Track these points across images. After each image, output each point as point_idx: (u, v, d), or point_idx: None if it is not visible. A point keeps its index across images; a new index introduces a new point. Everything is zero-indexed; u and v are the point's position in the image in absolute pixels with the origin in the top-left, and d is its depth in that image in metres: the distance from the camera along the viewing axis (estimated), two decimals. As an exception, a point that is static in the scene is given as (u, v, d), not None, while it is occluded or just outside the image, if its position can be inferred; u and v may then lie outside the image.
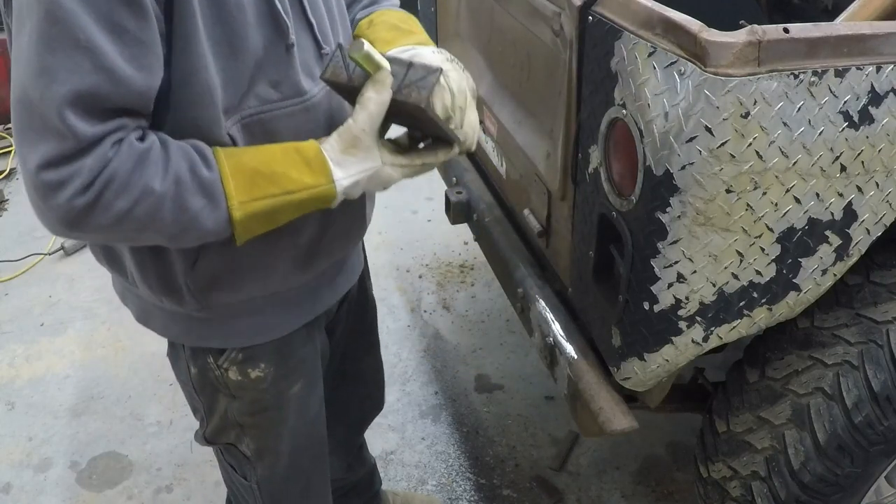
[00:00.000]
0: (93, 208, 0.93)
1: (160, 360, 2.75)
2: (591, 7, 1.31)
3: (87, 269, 3.35)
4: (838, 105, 1.11)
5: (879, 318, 1.34)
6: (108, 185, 0.93)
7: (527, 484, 2.26)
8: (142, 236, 1.01)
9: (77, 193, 0.91)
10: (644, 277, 1.21)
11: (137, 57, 0.92)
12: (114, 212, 0.94)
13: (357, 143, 1.08)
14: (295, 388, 1.35)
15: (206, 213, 1.00)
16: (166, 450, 2.42)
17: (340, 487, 1.94)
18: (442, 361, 2.76)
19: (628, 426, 1.32)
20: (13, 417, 2.57)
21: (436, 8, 2.33)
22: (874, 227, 1.24)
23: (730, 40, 1.04)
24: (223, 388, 1.30)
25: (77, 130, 0.89)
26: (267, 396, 1.31)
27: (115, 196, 0.94)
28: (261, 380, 1.29)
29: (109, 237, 1.03)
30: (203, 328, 1.24)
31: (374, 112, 1.06)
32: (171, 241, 1.04)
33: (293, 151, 1.06)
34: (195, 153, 1.01)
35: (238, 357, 1.26)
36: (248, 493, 1.46)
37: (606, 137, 1.28)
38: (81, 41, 0.87)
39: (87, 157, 0.91)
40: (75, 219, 0.94)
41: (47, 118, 0.89)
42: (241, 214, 1.02)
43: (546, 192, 1.60)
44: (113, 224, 0.95)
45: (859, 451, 1.33)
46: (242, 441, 1.37)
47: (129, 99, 0.93)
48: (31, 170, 0.92)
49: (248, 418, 1.34)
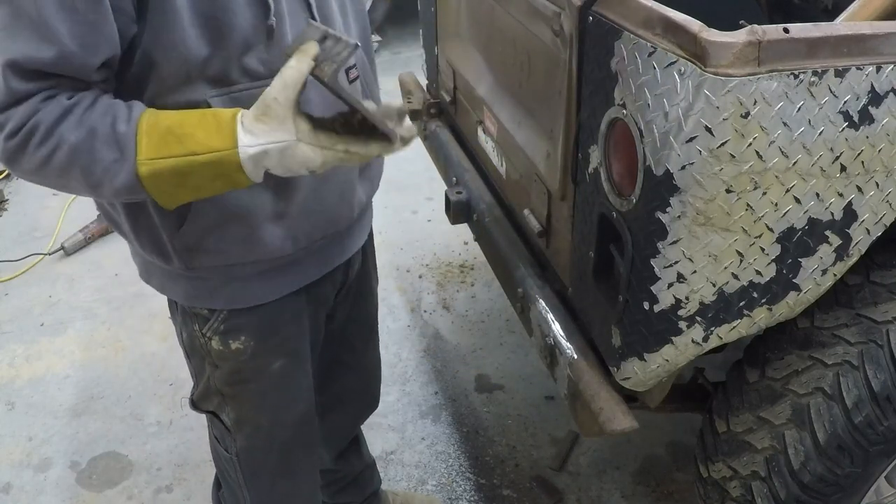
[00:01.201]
0: (19, 152, 1.03)
1: (160, 360, 2.76)
2: (591, 7, 1.31)
3: (87, 269, 3.35)
4: (838, 105, 1.11)
5: (879, 318, 1.34)
6: (32, 133, 1.01)
7: (527, 484, 2.26)
8: (66, 183, 1.07)
9: (6, 137, 1.02)
10: (644, 277, 1.22)
11: (82, 34, 0.99)
12: (36, 157, 1.03)
13: (268, 112, 1.04)
14: (276, 365, 1.38)
15: (116, 166, 1.03)
16: (166, 450, 2.42)
17: (337, 481, 1.94)
18: (442, 361, 2.76)
19: (628, 426, 1.32)
20: (13, 417, 2.58)
21: (436, 8, 2.33)
22: (874, 227, 1.24)
23: (730, 40, 1.04)
24: (207, 357, 1.35)
25: (12, 86, 1.00)
26: (246, 368, 1.35)
27: (37, 144, 1.02)
28: (241, 352, 1.33)
29: (40, 180, 1.09)
30: (190, 287, 1.29)
31: (289, 80, 1.03)
32: (90, 190, 1.08)
33: (210, 115, 1.05)
34: (121, 109, 1.04)
35: (220, 327, 1.31)
36: (229, 465, 1.50)
37: (606, 137, 1.28)
38: (33, 14, 0.97)
39: (18, 107, 1.01)
40: (7, 159, 1.04)
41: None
42: (147, 170, 1.03)
43: (546, 192, 1.60)
44: (37, 168, 1.04)
45: (859, 451, 1.33)
46: (224, 410, 1.42)
47: (66, 70, 1.01)
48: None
49: (228, 388, 1.38)
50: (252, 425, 1.44)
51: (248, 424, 1.44)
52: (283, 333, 1.37)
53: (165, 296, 1.36)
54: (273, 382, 1.40)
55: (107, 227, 3.55)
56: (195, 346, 1.36)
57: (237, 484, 1.53)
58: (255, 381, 1.38)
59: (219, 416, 1.44)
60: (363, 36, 1.37)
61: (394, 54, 5.34)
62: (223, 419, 1.44)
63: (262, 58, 1.11)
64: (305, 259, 1.34)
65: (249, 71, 1.11)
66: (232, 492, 1.57)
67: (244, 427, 1.44)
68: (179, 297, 1.32)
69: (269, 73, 1.09)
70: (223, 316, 1.31)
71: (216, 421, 1.46)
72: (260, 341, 1.34)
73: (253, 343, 1.33)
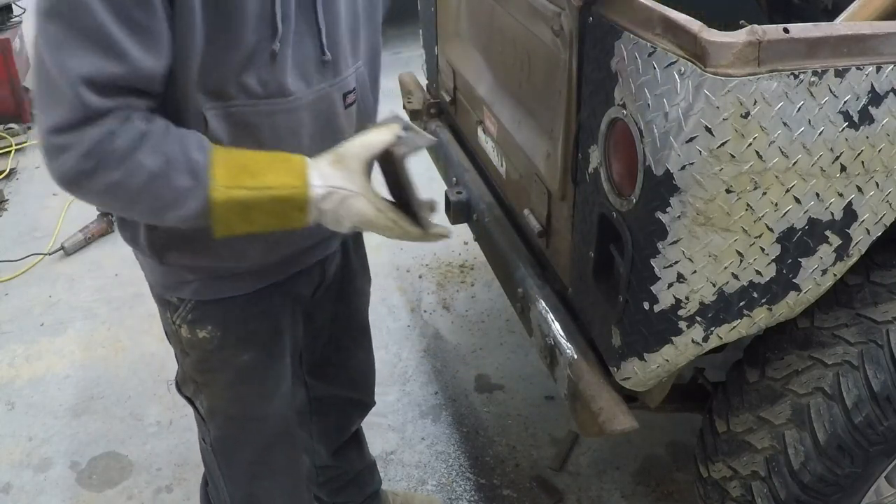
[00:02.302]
0: (89, 175, 1.03)
1: (160, 360, 2.76)
2: (591, 7, 1.31)
3: (87, 269, 3.35)
4: (838, 105, 1.11)
5: (879, 318, 1.34)
6: (107, 156, 1.02)
7: (527, 484, 2.26)
8: (132, 207, 1.11)
9: (77, 159, 1.01)
10: (644, 277, 1.21)
11: (146, 42, 1.01)
12: (107, 181, 1.04)
13: (343, 161, 1.15)
14: (244, 358, 1.39)
15: (189, 193, 1.07)
16: (166, 450, 2.42)
17: (336, 479, 1.94)
18: (442, 361, 2.76)
19: (628, 426, 1.32)
20: (13, 417, 2.58)
21: (436, 8, 2.33)
22: (874, 227, 1.24)
23: (730, 40, 1.04)
24: (178, 344, 1.39)
25: (88, 102, 0.99)
26: (213, 359, 1.38)
27: (111, 167, 1.03)
28: (207, 341, 1.35)
29: (103, 202, 1.11)
30: (161, 276, 1.33)
31: (369, 143, 1.16)
32: (156, 216, 1.12)
33: (279, 157, 1.14)
34: (192, 137, 1.09)
35: (188, 316, 1.34)
36: (207, 455, 1.52)
37: (606, 137, 1.28)
38: (95, 26, 0.97)
39: (92, 128, 1.01)
40: (73, 180, 1.04)
41: (62, 90, 0.98)
42: (221, 197, 1.08)
43: (546, 192, 1.60)
44: (105, 191, 1.06)
45: (859, 451, 1.33)
46: (198, 398, 1.45)
47: (137, 80, 1.02)
48: (43, 131, 1.02)
49: (199, 375, 1.41)
50: (223, 415, 1.46)
51: (219, 414, 1.45)
52: (252, 327, 1.38)
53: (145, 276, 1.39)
54: (241, 375, 1.40)
55: (107, 227, 3.56)
56: (168, 332, 1.41)
57: (217, 475, 1.54)
58: (222, 372, 1.40)
59: (195, 403, 1.47)
60: (372, 55, 1.39)
61: (394, 54, 5.33)
62: (198, 407, 1.47)
63: (261, 78, 1.13)
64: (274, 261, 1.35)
65: (247, 88, 1.13)
66: (216, 486, 1.58)
67: (216, 416, 1.46)
68: (155, 283, 1.36)
69: (266, 93, 1.13)
70: (191, 305, 1.33)
71: (194, 409, 1.49)
72: (226, 332, 1.36)
73: (219, 334, 1.35)
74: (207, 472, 1.61)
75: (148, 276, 1.37)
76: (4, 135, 4.42)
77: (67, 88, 0.98)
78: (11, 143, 4.34)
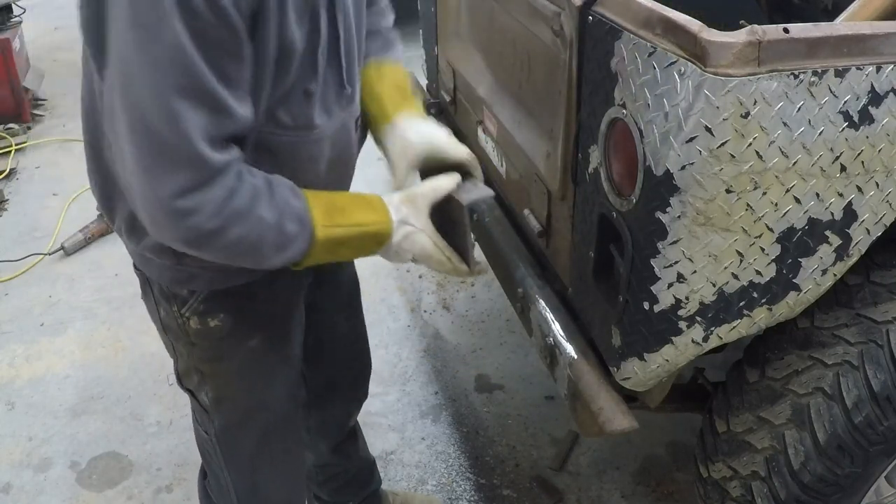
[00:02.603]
0: (216, 234, 1.09)
1: (160, 360, 2.75)
2: (591, 7, 1.31)
3: (87, 269, 3.35)
4: (838, 105, 1.11)
5: (879, 318, 1.34)
6: (232, 215, 1.08)
7: (527, 484, 2.26)
8: (245, 257, 1.17)
9: (207, 219, 1.07)
10: (644, 277, 1.21)
11: (238, 94, 1.06)
12: (232, 237, 1.10)
13: (413, 201, 1.28)
14: (252, 342, 1.40)
15: (299, 237, 1.16)
16: (166, 450, 2.42)
17: (336, 477, 1.94)
18: (442, 361, 2.76)
19: (628, 426, 1.32)
20: (13, 417, 2.57)
21: (436, 8, 2.33)
22: (874, 227, 1.24)
23: (730, 40, 1.04)
24: (183, 336, 1.38)
25: (210, 160, 1.04)
26: (223, 346, 1.39)
27: (235, 224, 1.09)
28: (218, 329, 1.36)
29: (219, 256, 1.16)
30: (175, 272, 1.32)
31: (437, 187, 1.30)
32: (265, 260, 1.18)
33: (361, 197, 1.27)
34: (286, 184, 1.17)
35: (200, 307, 1.34)
36: (210, 447, 1.53)
37: (606, 137, 1.28)
38: (202, 86, 1.00)
39: (215, 188, 1.06)
40: (198, 240, 1.10)
41: (181, 151, 1.02)
42: (323, 235, 1.19)
43: (546, 192, 1.60)
44: (228, 246, 1.12)
45: (859, 451, 1.33)
46: (203, 389, 1.45)
47: (238, 131, 1.08)
48: (164, 197, 1.04)
49: (207, 365, 1.41)
50: (230, 403, 1.46)
51: (226, 402, 1.46)
52: (261, 312, 1.40)
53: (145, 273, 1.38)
54: (250, 359, 1.42)
55: (107, 227, 3.55)
56: (171, 325, 1.39)
57: (219, 467, 1.55)
58: (230, 359, 1.41)
59: (197, 396, 1.47)
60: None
61: (394, 54, 5.33)
62: (201, 399, 1.47)
63: (292, 112, 1.18)
64: None
65: (277, 119, 1.17)
66: (216, 477, 1.58)
67: (222, 405, 1.46)
68: (164, 279, 1.34)
69: (294, 125, 1.19)
70: (203, 296, 1.33)
71: (195, 402, 1.49)
72: (236, 319, 1.37)
73: (230, 321, 1.36)
74: (206, 464, 1.62)
75: (154, 273, 1.35)
76: (4, 135, 4.42)
77: (187, 149, 1.01)
78: (11, 143, 4.34)
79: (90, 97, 1.18)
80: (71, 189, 3.94)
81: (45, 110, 4.94)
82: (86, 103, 1.20)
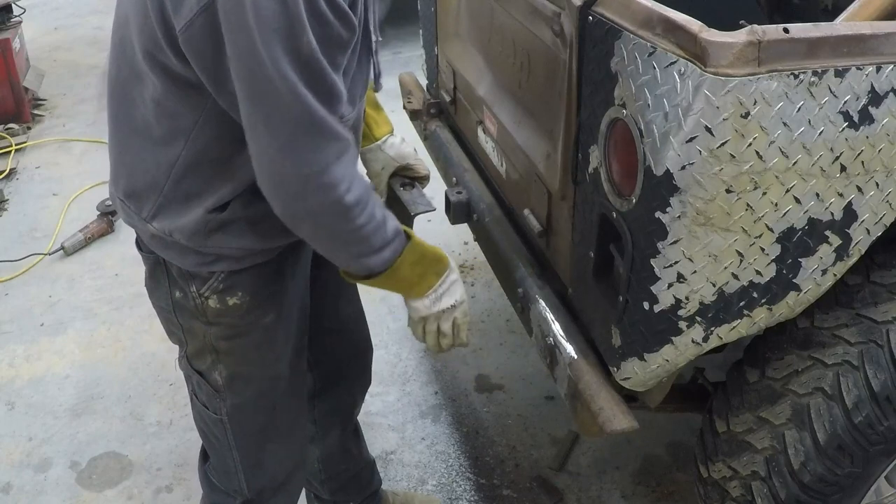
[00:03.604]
0: (350, 210, 1.21)
1: (160, 360, 2.76)
2: (591, 7, 1.31)
3: (87, 269, 3.35)
4: (838, 105, 1.11)
5: (879, 318, 1.34)
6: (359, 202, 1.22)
7: (527, 484, 2.27)
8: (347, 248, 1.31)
9: (346, 192, 1.19)
10: (644, 277, 1.22)
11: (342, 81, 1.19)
12: (356, 223, 1.24)
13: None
14: (267, 319, 1.44)
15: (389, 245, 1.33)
16: (166, 450, 2.42)
17: (337, 476, 1.95)
18: (442, 361, 2.76)
19: (628, 426, 1.32)
20: (13, 417, 2.58)
21: (436, 8, 2.33)
22: (874, 227, 1.24)
23: (730, 40, 1.04)
24: (201, 316, 1.41)
25: (343, 133, 1.18)
26: (242, 323, 1.42)
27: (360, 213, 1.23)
28: (238, 307, 1.40)
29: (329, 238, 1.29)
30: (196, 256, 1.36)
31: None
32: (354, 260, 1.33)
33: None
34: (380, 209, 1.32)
35: (220, 286, 1.37)
36: (218, 428, 1.54)
37: (606, 137, 1.28)
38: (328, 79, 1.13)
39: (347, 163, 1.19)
40: (338, 212, 1.21)
41: (322, 128, 1.14)
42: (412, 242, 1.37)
43: (546, 192, 1.60)
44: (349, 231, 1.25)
45: (859, 451, 1.33)
46: (216, 368, 1.47)
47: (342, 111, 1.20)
48: (311, 174, 1.16)
49: (224, 343, 1.44)
50: (244, 380, 1.49)
51: (239, 379, 1.48)
52: (274, 287, 1.44)
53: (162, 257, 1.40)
54: (265, 335, 1.45)
55: (107, 227, 3.56)
56: (187, 306, 1.41)
57: (226, 447, 1.56)
58: (248, 335, 1.44)
59: (208, 377, 1.48)
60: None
61: (394, 54, 5.33)
62: (212, 380, 1.48)
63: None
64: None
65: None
66: (221, 458, 1.59)
67: (236, 383, 1.48)
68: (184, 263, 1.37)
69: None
70: (223, 276, 1.37)
71: (204, 384, 1.50)
72: (255, 296, 1.40)
73: (248, 298, 1.39)
74: (210, 447, 1.62)
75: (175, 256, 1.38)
76: (4, 135, 4.42)
77: (323, 125, 1.14)
78: (11, 143, 4.34)
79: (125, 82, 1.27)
80: (71, 189, 3.94)
81: (45, 110, 4.94)
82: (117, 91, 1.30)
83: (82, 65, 5.61)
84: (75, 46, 5.84)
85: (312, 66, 1.10)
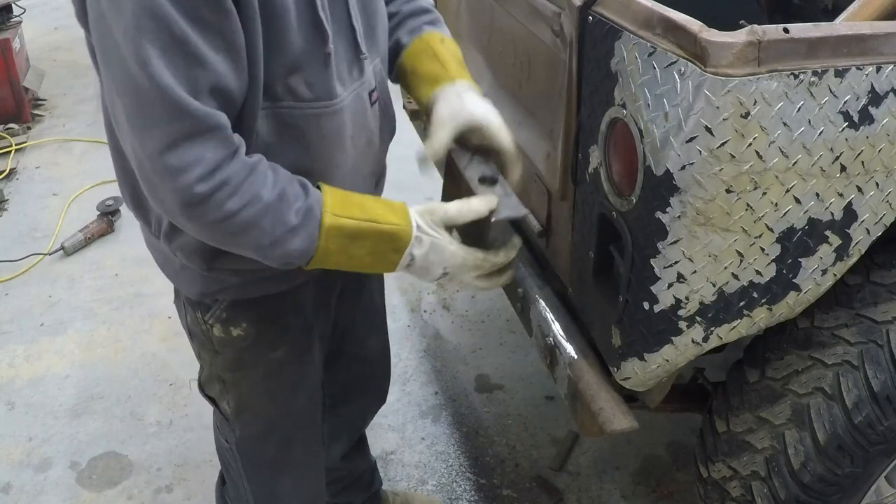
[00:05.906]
0: (207, 201, 1.03)
1: (160, 360, 2.76)
2: (591, 7, 1.31)
3: (87, 269, 3.35)
4: (838, 105, 1.11)
5: (879, 318, 1.34)
6: (223, 184, 1.03)
7: (527, 484, 2.26)
8: (238, 240, 1.11)
9: (197, 180, 1.01)
10: (644, 277, 1.21)
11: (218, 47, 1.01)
12: (223, 210, 1.04)
13: (434, 214, 1.20)
14: (277, 353, 1.39)
15: (298, 231, 1.10)
16: (166, 450, 2.42)
17: (340, 480, 1.94)
18: (442, 361, 2.76)
19: (628, 426, 1.32)
20: (13, 417, 2.57)
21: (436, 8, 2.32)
22: (874, 227, 1.24)
23: (730, 40, 1.04)
24: (208, 343, 1.37)
25: (192, 109, 0.99)
26: (246, 356, 1.37)
27: (228, 196, 1.04)
28: (241, 338, 1.35)
29: (211, 234, 1.11)
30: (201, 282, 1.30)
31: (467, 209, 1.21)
32: (261, 252, 1.12)
33: (383, 200, 1.21)
34: (297, 181, 1.12)
35: (223, 315, 1.33)
36: (230, 456, 1.52)
37: (606, 137, 1.28)
38: (171, 29, 0.96)
39: (206, 147, 1.01)
40: (192, 204, 1.03)
41: (161, 99, 0.97)
42: (331, 222, 1.12)
43: (546, 192, 1.60)
44: (219, 221, 1.05)
45: (859, 451, 1.33)
46: (224, 398, 1.44)
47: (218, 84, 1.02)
48: (153, 153, 1.00)
49: (229, 374, 1.40)
50: (251, 413, 1.45)
51: (247, 412, 1.45)
52: (285, 323, 1.38)
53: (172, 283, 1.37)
54: (273, 370, 1.40)
55: (107, 227, 3.55)
56: (196, 332, 1.38)
57: (238, 476, 1.54)
58: (254, 368, 1.40)
59: (219, 404, 1.46)
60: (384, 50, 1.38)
61: (394, 54, 5.33)
62: (222, 408, 1.46)
63: (308, 81, 1.14)
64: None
65: (294, 91, 1.14)
66: (235, 486, 1.58)
67: (243, 415, 1.45)
68: (190, 289, 1.33)
69: (313, 96, 1.15)
70: (226, 304, 1.32)
71: (216, 410, 1.48)
72: (260, 329, 1.35)
73: (254, 331, 1.35)
74: (226, 472, 1.61)
75: (182, 283, 1.34)
76: (4, 135, 4.42)
77: (164, 96, 0.97)
78: (11, 143, 4.33)
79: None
80: (71, 189, 3.94)
81: (45, 110, 4.94)
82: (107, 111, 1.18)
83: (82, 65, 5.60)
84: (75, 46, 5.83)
85: (168, 33, 0.97)
